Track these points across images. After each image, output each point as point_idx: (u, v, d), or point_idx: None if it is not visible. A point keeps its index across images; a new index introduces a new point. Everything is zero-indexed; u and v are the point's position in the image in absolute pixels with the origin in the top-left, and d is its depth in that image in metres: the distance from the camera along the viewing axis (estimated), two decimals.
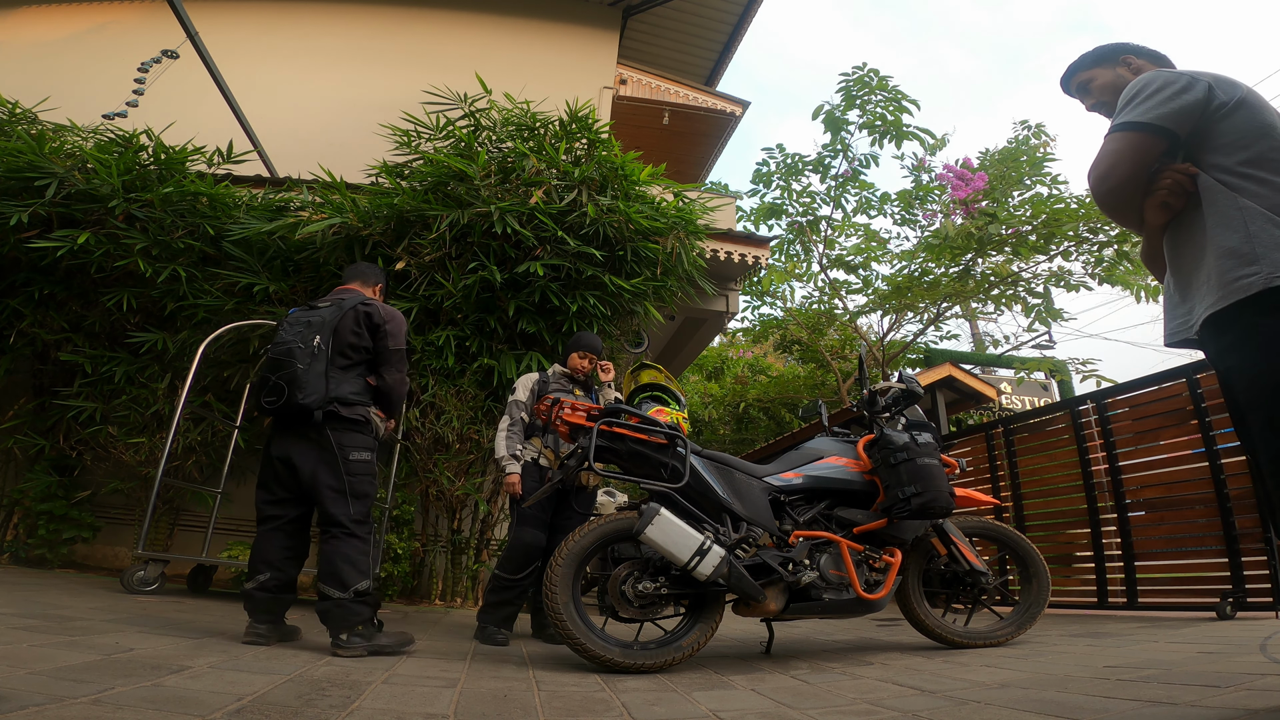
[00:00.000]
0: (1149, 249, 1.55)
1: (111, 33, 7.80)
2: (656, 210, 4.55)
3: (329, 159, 4.91)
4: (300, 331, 2.40)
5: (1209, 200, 1.34)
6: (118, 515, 4.81)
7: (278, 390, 2.32)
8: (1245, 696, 1.58)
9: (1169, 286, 1.49)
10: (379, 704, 1.57)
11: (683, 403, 3.38)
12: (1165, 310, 1.50)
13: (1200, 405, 3.92)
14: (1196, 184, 1.36)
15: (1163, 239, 1.49)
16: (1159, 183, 1.41)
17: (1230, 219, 1.29)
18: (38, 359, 4.77)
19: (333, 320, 2.45)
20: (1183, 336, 1.43)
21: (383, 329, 2.51)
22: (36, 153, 4.11)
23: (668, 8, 8.50)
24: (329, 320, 2.45)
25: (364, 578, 2.27)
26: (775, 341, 10.79)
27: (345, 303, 2.53)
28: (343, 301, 2.54)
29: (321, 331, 2.40)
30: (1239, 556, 3.59)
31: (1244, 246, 1.25)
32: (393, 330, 2.53)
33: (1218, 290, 1.28)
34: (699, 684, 2.05)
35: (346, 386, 2.42)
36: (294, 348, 2.36)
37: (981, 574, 2.80)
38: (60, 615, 2.42)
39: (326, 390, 2.34)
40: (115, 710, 1.29)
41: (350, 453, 2.38)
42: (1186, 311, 1.41)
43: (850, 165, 8.03)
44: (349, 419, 2.41)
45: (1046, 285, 7.61)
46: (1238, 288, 1.24)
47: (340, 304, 2.53)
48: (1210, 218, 1.33)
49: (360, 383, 2.49)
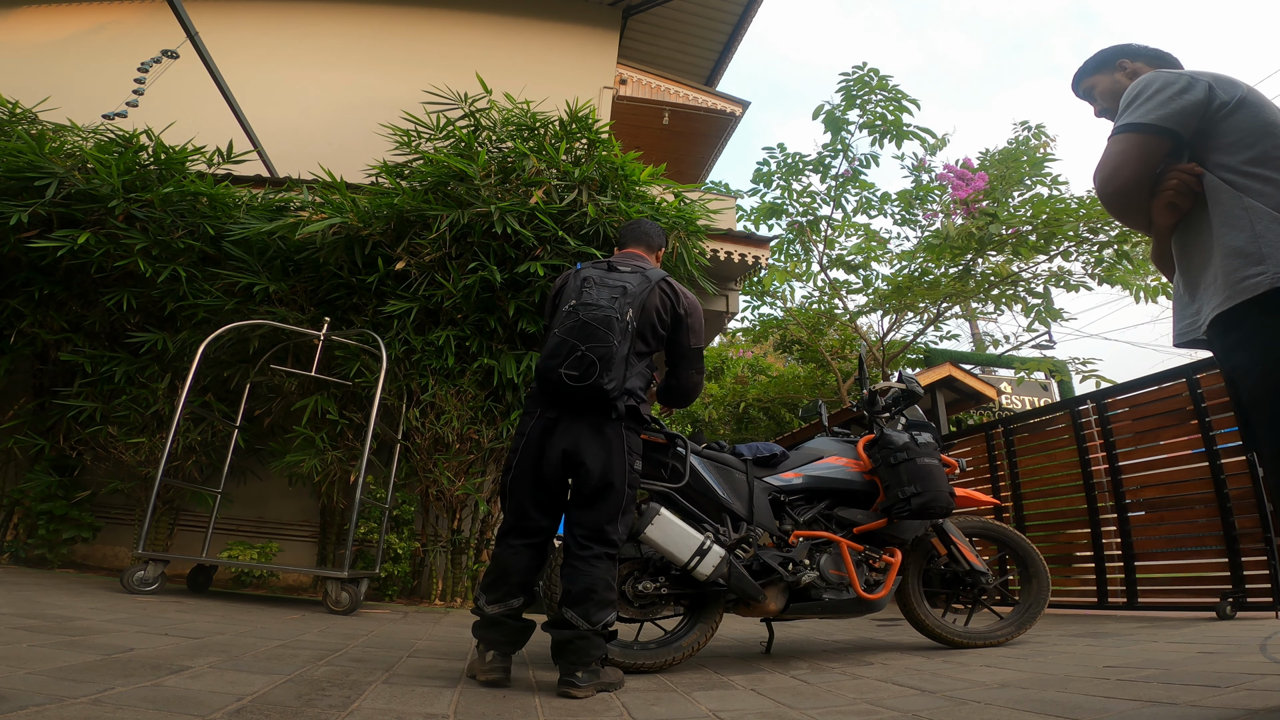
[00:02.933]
0: (1158, 250, 1.55)
1: (111, 33, 7.80)
2: (657, 210, 4.55)
3: (329, 159, 4.91)
4: (616, 300, 1.98)
5: (1214, 200, 1.34)
6: (118, 515, 4.81)
7: (586, 366, 1.89)
8: (1245, 696, 1.58)
9: (1178, 286, 1.49)
10: (379, 704, 1.57)
11: None
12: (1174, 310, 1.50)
13: (1200, 405, 3.92)
14: (1202, 184, 1.37)
15: (1170, 240, 1.49)
16: (1165, 183, 1.41)
17: (1236, 218, 1.29)
18: (38, 359, 4.77)
19: (641, 294, 2.03)
20: (1191, 336, 1.43)
21: (685, 321, 2.15)
22: (36, 153, 4.11)
23: (668, 8, 8.50)
24: (638, 294, 2.03)
25: (614, 609, 1.94)
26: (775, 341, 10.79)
27: (650, 274, 2.11)
28: (646, 271, 2.12)
29: (634, 306, 2.00)
30: (1239, 556, 3.58)
31: (1250, 246, 1.25)
32: (694, 325, 2.18)
33: (1225, 290, 1.28)
34: (699, 684, 2.05)
35: (639, 379, 2.05)
36: (612, 317, 1.94)
37: (981, 574, 2.80)
38: (60, 615, 2.41)
39: (625, 378, 1.95)
40: (115, 710, 1.29)
41: (635, 461, 2.04)
42: (1195, 311, 1.41)
43: (850, 165, 8.03)
44: (644, 420, 2.09)
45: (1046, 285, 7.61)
46: (1245, 287, 1.24)
47: (645, 274, 2.10)
48: (1216, 218, 1.33)
49: (647, 376, 2.12)
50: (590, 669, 1.84)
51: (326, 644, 2.40)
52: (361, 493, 3.64)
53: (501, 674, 1.88)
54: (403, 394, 4.42)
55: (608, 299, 1.98)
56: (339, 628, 2.90)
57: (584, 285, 2.05)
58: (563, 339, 1.95)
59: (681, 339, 2.16)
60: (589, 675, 1.83)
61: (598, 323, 1.93)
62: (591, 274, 2.09)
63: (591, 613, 1.86)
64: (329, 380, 4.21)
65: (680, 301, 2.15)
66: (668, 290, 2.14)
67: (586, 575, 1.90)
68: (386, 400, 4.15)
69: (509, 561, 1.98)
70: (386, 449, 4.51)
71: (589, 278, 2.07)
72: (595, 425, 1.97)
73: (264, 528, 4.88)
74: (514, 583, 1.96)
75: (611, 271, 2.10)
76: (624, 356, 1.94)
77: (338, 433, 4.43)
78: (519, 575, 1.97)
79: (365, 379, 4.25)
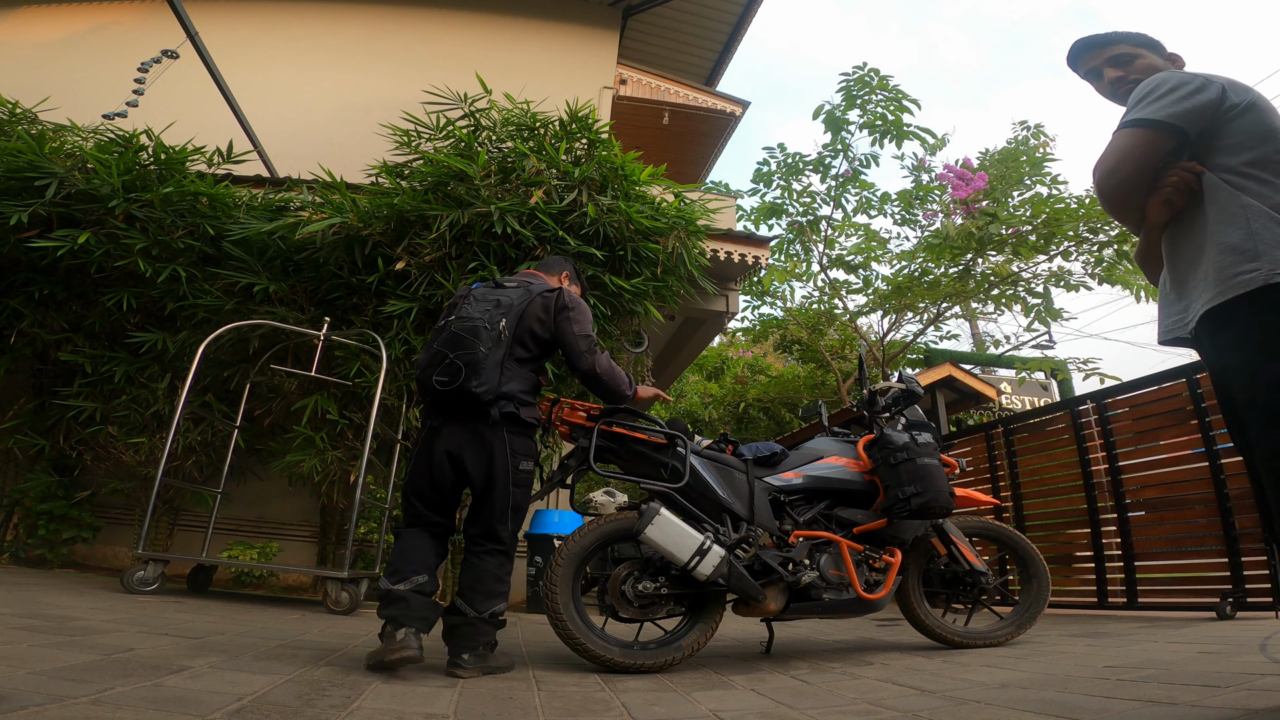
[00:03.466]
0: (1145, 248, 1.55)
1: (111, 33, 7.80)
2: (657, 210, 4.54)
3: (329, 159, 4.91)
4: (488, 311, 2.15)
5: (1211, 198, 1.34)
6: (118, 515, 4.81)
7: (453, 371, 2.05)
8: (1245, 696, 1.58)
9: (1164, 285, 1.49)
10: (379, 704, 1.57)
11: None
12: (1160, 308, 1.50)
13: (1200, 405, 3.92)
14: (1201, 182, 1.37)
15: (1161, 238, 1.49)
16: (1165, 180, 1.41)
17: (1233, 216, 1.29)
18: (38, 359, 4.77)
19: (520, 304, 2.20)
20: (1177, 334, 1.43)
21: (566, 314, 2.24)
22: (36, 153, 4.11)
23: (668, 8, 8.50)
24: (516, 304, 2.20)
25: (504, 600, 2.10)
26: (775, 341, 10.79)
27: (533, 287, 2.29)
28: (530, 286, 2.30)
29: (508, 315, 2.16)
30: (1239, 556, 3.59)
31: (1245, 243, 1.25)
32: (576, 317, 2.25)
33: (1216, 286, 1.28)
34: (699, 684, 2.05)
35: (519, 384, 2.16)
36: (480, 326, 2.10)
37: (981, 574, 2.80)
38: (60, 615, 2.41)
39: (499, 383, 2.08)
40: (115, 710, 1.29)
41: (521, 461, 2.14)
42: (1182, 309, 1.41)
43: (850, 165, 8.04)
44: (526, 423, 2.17)
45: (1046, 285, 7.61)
46: (1237, 283, 1.24)
47: (528, 288, 2.28)
48: (1212, 215, 1.33)
49: (534, 381, 2.24)
50: (477, 653, 2.02)
51: (326, 644, 2.40)
52: (361, 493, 3.64)
53: (415, 651, 1.89)
54: (403, 394, 4.41)
55: (480, 311, 2.15)
56: (339, 628, 2.90)
57: (463, 301, 2.24)
58: (436, 350, 2.14)
59: (565, 333, 2.24)
60: (475, 658, 2.00)
61: (465, 332, 2.09)
62: (476, 291, 2.27)
63: (477, 601, 2.04)
64: (329, 380, 4.21)
65: (561, 298, 2.27)
66: (549, 296, 2.27)
67: (475, 569, 2.09)
68: (386, 400, 4.15)
69: (408, 545, 2.11)
70: (386, 449, 4.51)
71: (470, 295, 2.25)
72: (474, 430, 2.10)
73: (264, 528, 4.88)
74: (416, 561, 2.07)
75: (497, 289, 2.27)
76: (497, 361, 2.08)
77: (338, 433, 4.43)
78: (419, 555, 2.09)
79: (365, 379, 4.24)
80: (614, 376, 2.27)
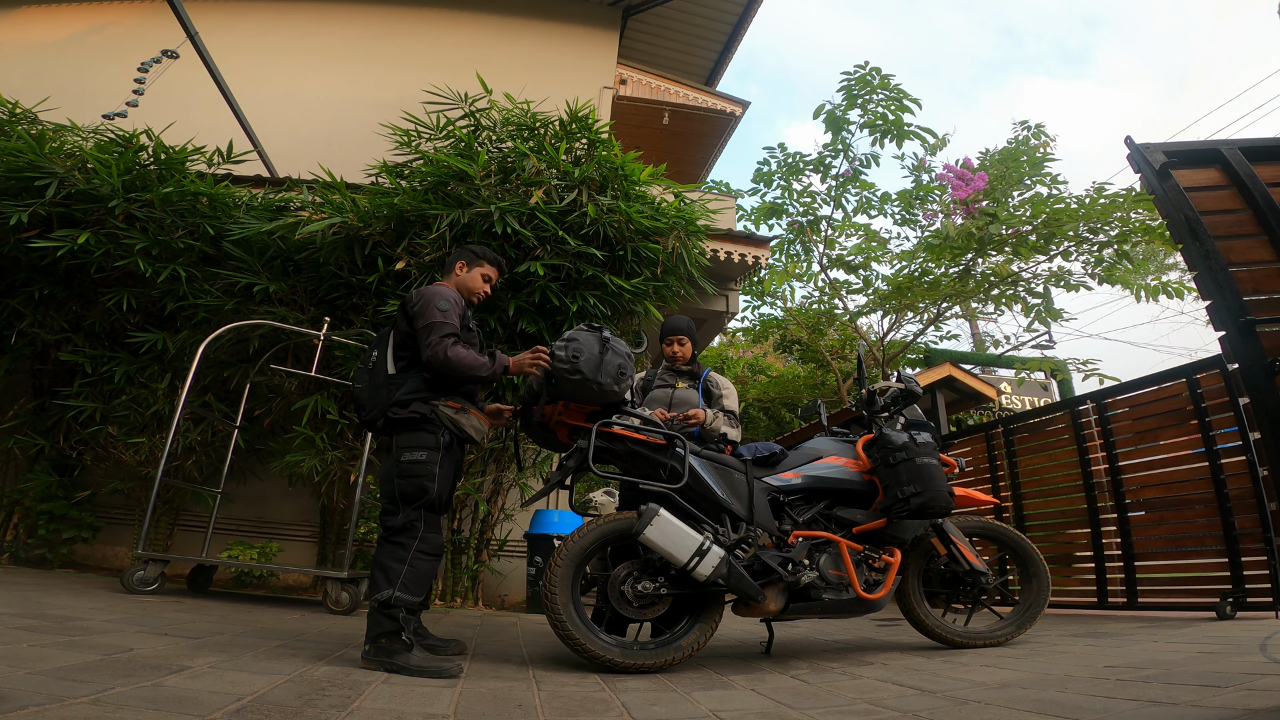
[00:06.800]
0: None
1: (111, 33, 7.80)
2: (657, 210, 4.54)
3: (329, 159, 4.91)
4: (374, 349, 2.39)
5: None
6: (118, 515, 4.81)
7: (358, 409, 2.37)
8: (1245, 696, 1.58)
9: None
10: (379, 704, 1.57)
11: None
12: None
13: (1200, 405, 3.92)
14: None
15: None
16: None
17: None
18: (38, 359, 4.77)
19: (391, 324, 2.39)
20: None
21: (412, 309, 2.30)
22: (36, 153, 4.11)
23: (668, 8, 8.50)
24: (387, 327, 2.40)
25: (389, 588, 2.07)
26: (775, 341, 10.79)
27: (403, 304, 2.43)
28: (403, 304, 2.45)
29: (380, 345, 2.37)
30: (1239, 556, 3.59)
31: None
32: (419, 310, 2.28)
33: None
34: (699, 684, 2.05)
35: (405, 389, 2.28)
36: (361, 369, 2.38)
37: (981, 574, 2.80)
38: (60, 615, 2.42)
39: (386, 403, 2.26)
40: (115, 710, 1.29)
41: (402, 454, 2.23)
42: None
43: (851, 165, 8.03)
44: (404, 419, 2.26)
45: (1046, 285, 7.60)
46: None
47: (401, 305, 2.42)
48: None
49: (417, 380, 2.30)
50: (378, 644, 2.05)
51: (326, 644, 2.40)
52: (361, 493, 3.64)
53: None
54: None
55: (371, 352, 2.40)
56: (339, 628, 2.90)
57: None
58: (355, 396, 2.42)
59: (415, 329, 2.31)
60: (374, 649, 2.05)
61: (360, 381, 2.37)
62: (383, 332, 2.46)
63: (371, 589, 2.13)
64: (329, 380, 4.22)
65: (408, 298, 2.37)
66: (404, 300, 2.39)
67: (375, 558, 2.20)
68: None
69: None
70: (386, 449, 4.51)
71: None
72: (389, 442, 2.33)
73: (264, 528, 4.88)
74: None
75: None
76: (382, 383, 2.30)
77: (338, 433, 4.43)
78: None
79: None
80: (462, 361, 2.24)
